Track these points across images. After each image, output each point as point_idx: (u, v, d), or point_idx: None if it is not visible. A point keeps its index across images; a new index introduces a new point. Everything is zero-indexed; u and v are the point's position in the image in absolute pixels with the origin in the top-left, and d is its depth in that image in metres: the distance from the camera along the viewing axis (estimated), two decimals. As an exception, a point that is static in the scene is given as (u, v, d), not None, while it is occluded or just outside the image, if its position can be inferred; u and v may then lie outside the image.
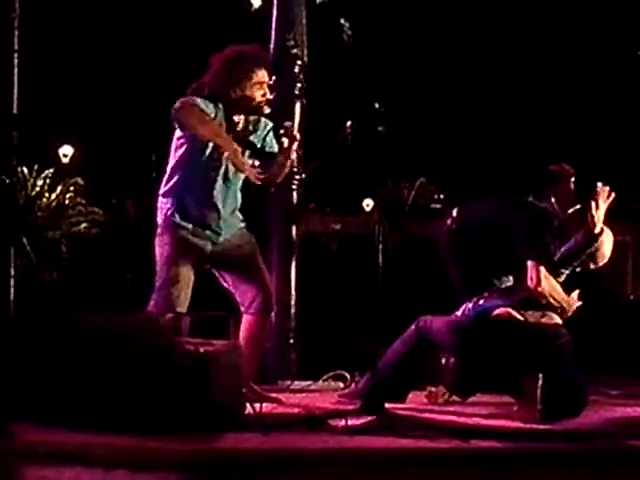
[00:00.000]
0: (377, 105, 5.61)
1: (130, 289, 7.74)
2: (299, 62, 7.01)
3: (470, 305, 5.74)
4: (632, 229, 8.07)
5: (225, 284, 5.78)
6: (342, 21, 5.91)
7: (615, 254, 8.00)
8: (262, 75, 5.53)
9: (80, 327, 4.65)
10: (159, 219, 5.64)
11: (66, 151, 9.40)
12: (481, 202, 6.44)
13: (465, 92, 9.35)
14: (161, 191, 5.68)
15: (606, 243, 5.75)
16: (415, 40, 9.19)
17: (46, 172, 8.68)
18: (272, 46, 7.09)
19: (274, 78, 5.67)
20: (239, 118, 5.59)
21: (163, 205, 5.63)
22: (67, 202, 8.68)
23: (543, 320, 5.57)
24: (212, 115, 5.40)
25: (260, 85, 5.51)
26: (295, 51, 7.01)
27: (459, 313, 5.77)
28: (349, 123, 6.21)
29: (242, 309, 5.73)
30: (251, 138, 5.66)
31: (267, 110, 5.59)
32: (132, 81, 9.24)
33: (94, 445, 4.13)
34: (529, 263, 5.58)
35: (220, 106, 5.48)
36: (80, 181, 8.78)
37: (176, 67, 9.17)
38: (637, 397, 6.47)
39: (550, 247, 5.65)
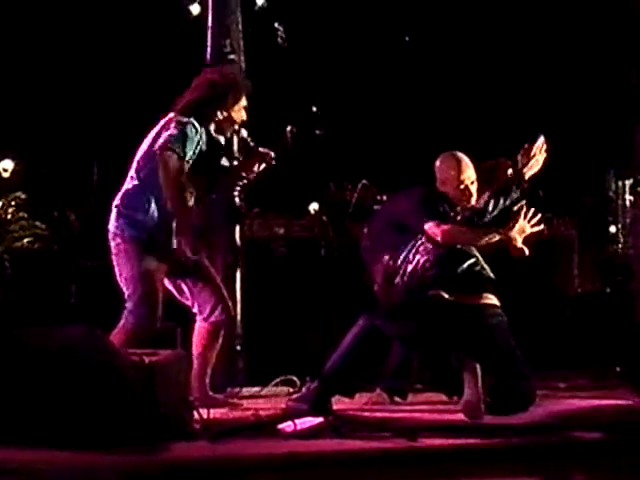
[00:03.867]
0: (315, 108, 5.64)
1: (75, 303, 7.65)
2: (236, 67, 7.00)
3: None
4: (577, 223, 8.13)
5: (179, 296, 5.77)
6: (276, 25, 5.93)
7: (561, 248, 8.08)
8: (245, 100, 5.83)
9: (21, 343, 4.59)
10: (124, 233, 5.53)
11: (6, 165, 9.25)
12: (386, 202, 6.45)
13: (405, 93, 9.37)
14: (123, 202, 5.59)
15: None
16: (351, 43, 9.20)
17: (-14, 188, 8.55)
18: (209, 52, 7.08)
19: None
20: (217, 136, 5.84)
21: (128, 218, 5.54)
22: (9, 217, 8.54)
23: (481, 301, 5.49)
24: (197, 139, 5.60)
25: (243, 109, 5.82)
26: (232, 57, 7.01)
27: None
28: (289, 128, 6.19)
29: (200, 317, 5.73)
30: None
31: (244, 132, 5.93)
32: (70, 91, 9.14)
33: (39, 461, 4.09)
34: (426, 226, 5.49)
35: (202, 127, 5.67)
36: (22, 195, 8.63)
37: (116, 75, 9.10)
38: (585, 389, 6.52)
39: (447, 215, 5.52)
